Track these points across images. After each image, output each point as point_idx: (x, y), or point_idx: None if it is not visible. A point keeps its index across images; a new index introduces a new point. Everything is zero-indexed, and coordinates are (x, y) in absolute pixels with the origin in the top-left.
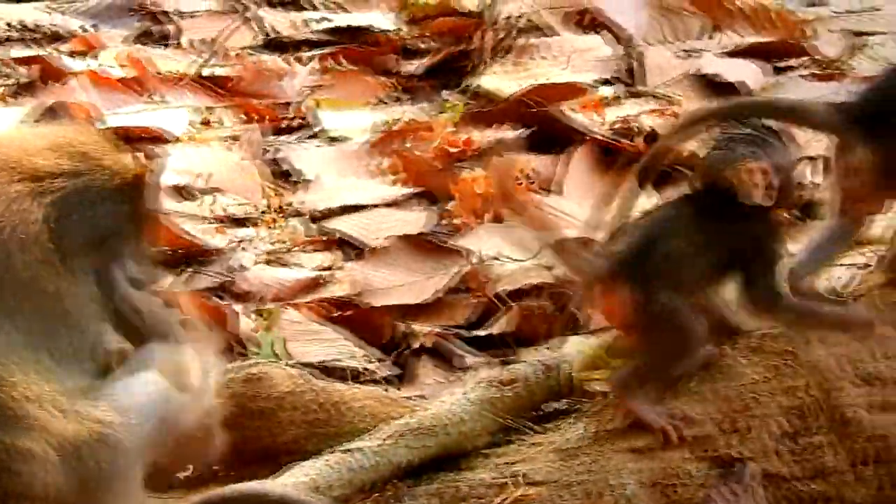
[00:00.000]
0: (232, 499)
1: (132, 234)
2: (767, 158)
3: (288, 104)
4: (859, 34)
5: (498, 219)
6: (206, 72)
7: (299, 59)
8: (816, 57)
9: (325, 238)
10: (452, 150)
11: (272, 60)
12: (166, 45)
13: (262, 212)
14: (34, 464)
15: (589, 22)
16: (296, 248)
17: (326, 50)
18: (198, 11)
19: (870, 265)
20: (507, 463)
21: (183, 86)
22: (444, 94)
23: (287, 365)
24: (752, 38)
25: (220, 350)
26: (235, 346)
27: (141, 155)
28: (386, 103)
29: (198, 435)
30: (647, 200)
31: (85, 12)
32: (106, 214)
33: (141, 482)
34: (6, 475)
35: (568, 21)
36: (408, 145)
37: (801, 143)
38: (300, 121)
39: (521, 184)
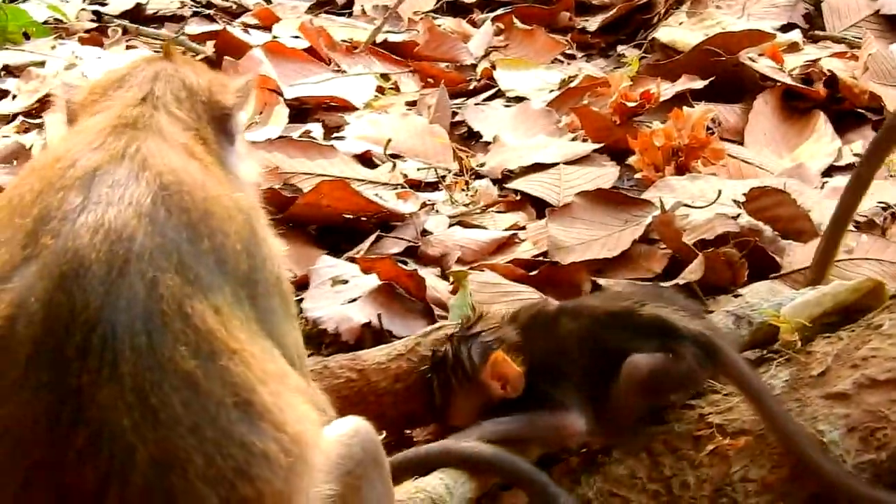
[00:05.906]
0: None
1: None
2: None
3: (466, 66)
4: None
5: (680, 170)
6: (383, 38)
7: (472, 22)
8: None
9: (512, 198)
10: (630, 104)
11: (448, 24)
12: (342, 14)
13: (442, 176)
14: (267, 468)
15: None
16: (483, 210)
17: (501, 11)
18: None
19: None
20: (708, 413)
21: (360, 53)
22: (620, 48)
23: None
24: None
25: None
26: (425, 310)
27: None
28: (562, 61)
29: None
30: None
31: None
32: None
33: None
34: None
35: None
36: (585, 102)
37: None
38: (478, 82)
39: (713, 133)
